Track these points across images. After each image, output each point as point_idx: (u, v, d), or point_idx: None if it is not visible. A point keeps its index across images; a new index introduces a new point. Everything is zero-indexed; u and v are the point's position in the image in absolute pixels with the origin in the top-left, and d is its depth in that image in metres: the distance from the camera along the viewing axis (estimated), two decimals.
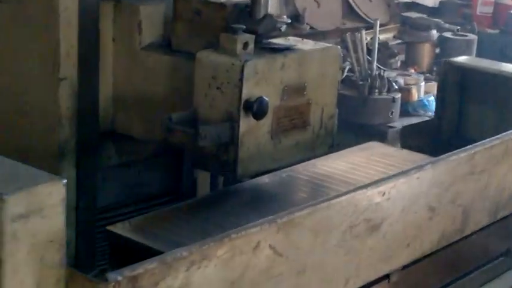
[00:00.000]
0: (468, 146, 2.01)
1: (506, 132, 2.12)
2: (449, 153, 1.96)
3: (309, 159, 2.16)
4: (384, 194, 1.76)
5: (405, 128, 2.84)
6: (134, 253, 1.62)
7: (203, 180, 2.35)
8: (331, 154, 2.27)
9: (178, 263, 1.36)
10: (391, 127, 3.43)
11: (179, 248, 1.38)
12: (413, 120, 3.48)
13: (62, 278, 1.30)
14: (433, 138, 2.72)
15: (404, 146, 2.71)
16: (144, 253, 1.45)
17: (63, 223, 1.28)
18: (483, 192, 2.09)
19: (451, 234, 2.03)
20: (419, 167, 1.87)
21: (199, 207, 2.03)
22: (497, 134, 2.17)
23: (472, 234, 2.12)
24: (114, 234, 1.84)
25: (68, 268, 1.30)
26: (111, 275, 1.28)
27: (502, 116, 2.54)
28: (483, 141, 2.06)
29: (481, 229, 2.16)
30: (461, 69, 2.75)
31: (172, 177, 2.33)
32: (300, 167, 2.18)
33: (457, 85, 2.73)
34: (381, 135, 3.20)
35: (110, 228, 1.86)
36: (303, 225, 1.58)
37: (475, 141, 2.10)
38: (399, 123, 3.50)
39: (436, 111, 2.84)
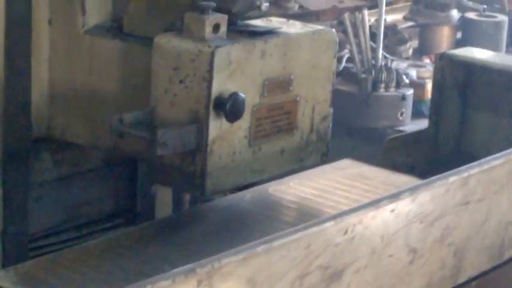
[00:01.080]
0: (461, 167, 1.97)
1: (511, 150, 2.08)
2: (436, 177, 1.92)
3: (295, 171, 2.18)
4: (347, 231, 1.72)
5: (392, 140, 2.80)
6: None
7: (164, 197, 2.35)
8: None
9: None
10: (401, 131, 3.42)
11: None
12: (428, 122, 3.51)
13: None
14: (428, 154, 2.70)
15: (387, 162, 2.67)
16: None
17: None
18: (482, 226, 2.06)
19: (440, 283, 2.00)
20: (395, 196, 1.83)
21: (136, 240, 2.02)
22: (510, 149, 2.13)
23: (468, 281, 2.09)
24: None
25: None
26: None
27: None
28: (481, 160, 2.01)
29: (481, 275, 2.13)
30: (464, 64, 2.72)
31: (125, 194, 2.33)
32: (253, 190, 2.20)
33: (459, 85, 2.71)
34: (386, 141, 3.21)
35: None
36: (234, 276, 1.54)
37: (480, 159, 2.04)
38: (411, 126, 3.52)
39: (430, 118, 2.82)
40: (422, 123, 3.50)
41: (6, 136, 2.05)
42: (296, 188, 2.27)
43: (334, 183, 2.31)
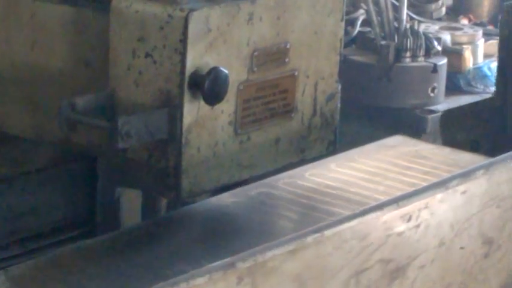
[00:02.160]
0: None
1: None
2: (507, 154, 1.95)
3: (295, 165, 2.19)
4: (411, 218, 1.76)
5: (449, 113, 2.84)
6: None
7: (131, 202, 2.35)
8: (332, 157, 2.29)
9: None
10: (432, 112, 3.44)
11: None
12: (467, 99, 3.50)
13: None
14: (493, 128, 2.72)
15: (447, 141, 2.71)
16: None
17: None
18: None
19: None
20: (467, 174, 1.86)
21: (113, 247, 2.04)
22: None
23: None
24: None
25: None
26: None
27: None
28: None
29: None
30: None
31: (81, 200, 2.33)
32: (280, 179, 2.21)
33: None
34: (416, 126, 3.21)
35: None
36: (281, 271, 1.58)
37: None
38: (445, 105, 3.53)
39: (497, 87, 2.85)
40: (461, 100, 3.52)
41: None
42: (338, 171, 2.31)
43: (384, 165, 2.34)
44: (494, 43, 3.87)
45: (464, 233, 1.86)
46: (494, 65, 3.67)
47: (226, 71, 1.90)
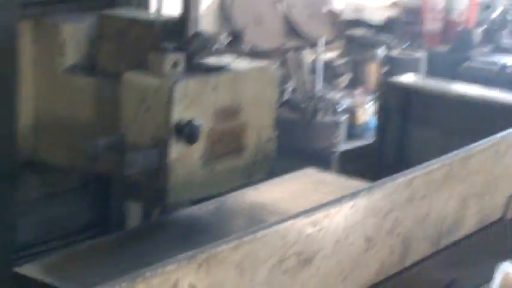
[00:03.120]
0: (406, 171, 1.99)
1: (447, 155, 2.11)
2: (386, 179, 1.95)
3: (245, 186, 2.17)
4: (316, 224, 1.73)
5: (344, 153, 2.86)
6: None
7: (134, 211, 2.33)
8: (265, 182, 2.26)
9: None
10: (334, 152, 3.45)
11: None
12: (360, 144, 3.52)
13: None
14: (374, 163, 2.73)
15: (343, 171, 2.71)
16: None
17: None
18: (424, 219, 2.07)
19: (391, 266, 2.00)
20: (354, 195, 1.84)
21: (121, 243, 2.01)
22: (445, 155, 2.16)
23: (413, 265, 2.10)
24: (22, 277, 1.78)
25: None
26: None
27: (448, 139, 2.54)
28: (422, 164, 2.04)
29: (424, 259, 2.13)
30: (404, 89, 2.76)
31: (100, 209, 2.31)
32: (231, 196, 2.18)
33: (400, 106, 2.74)
34: (324, 161, 3.22)
35: (17, 269, 1.79)
36: (227, 261, 1.55)
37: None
38: (344, 147, 3.55)
39: (377, 134, 2.87)
40: (354, 144, 3.54)
41: None
42: (271, 191, 2.28)
43: (300, 188, 2.32)
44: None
45: (352, 234, 1.85)
46: None
47: (199, 123, 1.88)
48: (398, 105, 2.74)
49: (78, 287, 1.43)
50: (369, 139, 3.53)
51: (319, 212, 1.75)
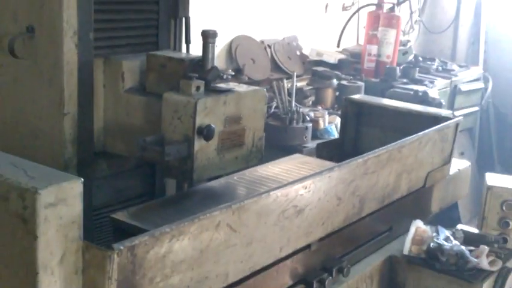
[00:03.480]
0: (363, 155, 2.00)
1: (388, 145, 2.12)
2: (350, 160, 1.95)
3: (244, 168, 2.15)
4: (306, 188, 1.75)
5: (319, 145, 2.86)
6: (130, 233, 1.57)
7: (171, 184, 2.31)
8: (269, 162, 2.25)
9: (163, 236, 1.35)
10: (305, 147, 3.44)
11: (164, 226, 1.36)
12: (321, 141, 3.51)
13: (80, 248, 1.29)
14: (338, 152, 2.71)
15: (318, 156, 2.69)
16: (137, 232, 1.41)
17: (81, 209, 1.28)
18: (373, 186, 2.07)
19: (352, 216, 2.02)
20: (330, 169, 1.86)
21: (172, 202, 2.01)
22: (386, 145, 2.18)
23: (366, 216, 2.11)
24: (116, 220, 1.82)
25: (85, 241, 1.29)
26: (116, 245, 1.26)
27: (386, 135, 2.52)
28: (373, 151, 2.05)
29: (372, 213, 2.14)
30: (357, 103, 2.76)
31: (148, 183, 2.29)
32: (236, 174, 2.15)
33: (354, 114, 2.74)
34: (297, 152, 3.20)
35: (112, 215, 1.82)
36: (250, 209, 1.57)
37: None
38: (311, 144, 3.53)
39: (340, 133, 2.86)
40: (317, 142, 3.53)
41: (78, 150, 2.02)
42: (271, 169, 2.26)
43: (292, 166, 2.30)
44: (332, 117, 3.91)
45: (329, 195, 1.85)
46: (332, 126, 3.72)
47: (214, 126, 1.89)
48: (353, 113, 2.74)
49: (154, 226, 1.41)
50: (326, 139, 3.51)
51: (308, 180, 1.76)
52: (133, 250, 1.29)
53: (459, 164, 2.75)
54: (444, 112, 2.69)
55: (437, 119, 2.49)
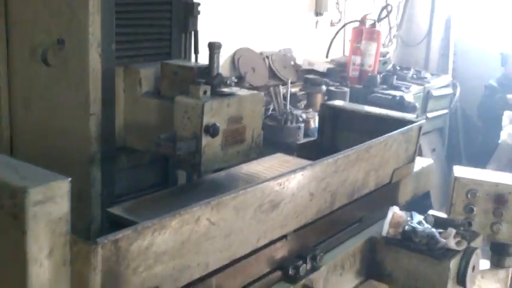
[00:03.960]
0: (334, 154, 1.96)
1: (357, 146, 2.08)
2: (321, 159, 1.91)
3: (245, 162, 2.14)
4: (281, 184, 1.70)
5: (300, 145, 2.85)
6: (124, 225, 1.52)
7: (182, 175, 2.31)
8: (253, 161, 2.22)
9: (146, 230, 1.31)
10: (298, 144, 3.44)
11: (146, 221, 1.32)
12: (311, 140, 3.51)
13: (67, 242, 1.23)
14: (317, 151, 2.66)
15: (299, 155, 2.65)
16: (129, 224, 1.35)
17: (69, 207, 1.21)
18: (344, 183, 2.03)
19: (324, 210, 1.97)
20: (303, 168, 1.81)
21: (175, 194, 1.99)
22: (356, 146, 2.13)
23: (337, 209, 2.06)
24: (111, 214, 1.79)
25: (71, 236, 1.23)
26: (100, 239, 1.22)
27: (360, 137, 2.44)
28: (343, 151, 2.01)
29: (343, 206, 2.09)
30: (334, 108, 2.73)
31: (162, 174, 2.29)
32: (235, 168, 2.15)
33: (332, 118, 2.70)
34: (291, 148, 3.19)
35: (108, 209, 1.80)
36: (229, 205, 1.52)
37: None
38: (303, 140, 3.54)
39: (318, 134, 2.80)
40: (310, 139, 3.53)
41: (102, 146, 2.02)
42: (255, 167, 2.23)
43: (274, 164, 2.27)
44: None
45: (302, 190, 1.81)
46: None
47: (218, 125, 1.88)
48: (330, 117, 2.69)
49: (139, 219, 1.38)
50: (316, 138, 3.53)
51: (283, 177, 1.72)
52: (117, 243, 1.24)
53: (423, 162, 2.71)
54: (408, 116, 2.62)
55: (402, 122, 2.44)
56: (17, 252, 1.17)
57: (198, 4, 2.29)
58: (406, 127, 2.37)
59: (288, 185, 1.75)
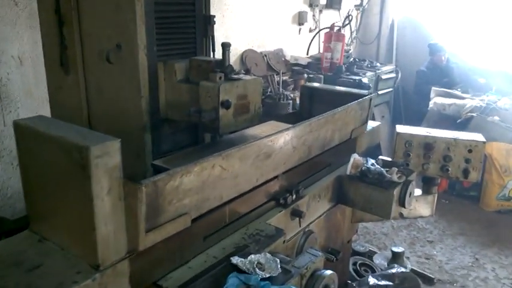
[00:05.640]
0: (309, 119, 1.93)
1: (325, 113, 2.04)
2: (300, 123, 1.88)
3: (250, 126, 2.09)
4: (273, 141, 1.69)
5: (287, 115, 2.78)
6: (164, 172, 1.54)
7: (207, 136, 2.27)
8: (255, 126, 2.18)
9: (176, 174, 1.32)
10: (287, 114, 3.37)
11: (177, 168, 1.33)
12: (288, 113, 3.42)
13: (121, 183, 1.24)
14: (298, 119, 2.62)
15: (286, 122, 2.59)
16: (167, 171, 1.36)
17: (120, 159, 1.22)
18: (317, 139, 1.99)
19: (304, 158, 1.95)
20: (288, 129, 1.79)
21: (203, 149, 1.96)
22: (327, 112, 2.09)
23: (313, 157, 2.03)
24: (155, 165, 1.78)
25: (123, 178, 1.24)
26: (143, 181, 1.24)
27: (330, 108, 2.39)
28: (316, 116, 1.98)
29: (317, 155, 2.07)
30: (312, 88, 2.64)
31: (194, 136, 2.24)
32: (243, 131, 2.11)
33: (310, 95, 2.61)
34: (282, 118, 3.12)
35: (153, 162, 1.79)
36: (235, 155, 1.51)
37: None
38: (290, 112, 3.47)
39: (299, 107, 2.73)
40: (295, 111, 3.45)
41: (151, 118, 1.98)
42: (256, 130, 2.18)
43: (268, 128, 2.21)
44: None
45: (288, 145, 1.77)
46: None
47: (230, 101, 1.83)
48: (307, 95, 2.61)
49: (172, 167, 1.35)
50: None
51: (274, 136, 1.71)
52: (156, 183, 1.26)
53: (374, 124, 2.70)
54: (363, 92, 2.57)
55: (359, 96, 2.41)
56: (84, 191, 1.19)
57: (214, 16, 2.21)
58: (360, 99, 2.34)
59: (277, 141, 1.75)
